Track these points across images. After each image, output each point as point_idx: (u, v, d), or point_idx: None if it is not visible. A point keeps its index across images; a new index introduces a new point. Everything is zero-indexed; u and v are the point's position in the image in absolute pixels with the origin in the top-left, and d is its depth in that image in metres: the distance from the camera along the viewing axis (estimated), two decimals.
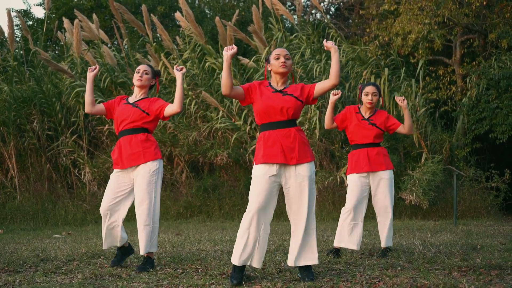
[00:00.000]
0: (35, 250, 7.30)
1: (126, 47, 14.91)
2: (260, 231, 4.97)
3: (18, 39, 17.34)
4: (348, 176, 6.64)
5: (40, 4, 19.26)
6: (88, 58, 13.57)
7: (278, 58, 5.08)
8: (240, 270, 5.00)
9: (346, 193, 12.08)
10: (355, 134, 6.55)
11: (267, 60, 5.22)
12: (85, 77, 13.76)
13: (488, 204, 12.46)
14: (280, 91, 5.06)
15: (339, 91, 6.50)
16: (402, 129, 6.57)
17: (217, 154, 12.88)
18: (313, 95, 5.09)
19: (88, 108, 5.84)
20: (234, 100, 12.85)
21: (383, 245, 6.56)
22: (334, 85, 5.00)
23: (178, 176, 13.75)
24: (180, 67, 5.72)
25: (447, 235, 8.34)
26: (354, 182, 6.53)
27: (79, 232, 10.35)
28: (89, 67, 5.97)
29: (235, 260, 4.97)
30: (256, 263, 5.02)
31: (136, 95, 5.89)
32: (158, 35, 14.39)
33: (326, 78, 12.62)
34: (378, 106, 6.73)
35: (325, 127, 6.68)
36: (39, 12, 30.92)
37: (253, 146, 12.64)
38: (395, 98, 6.73)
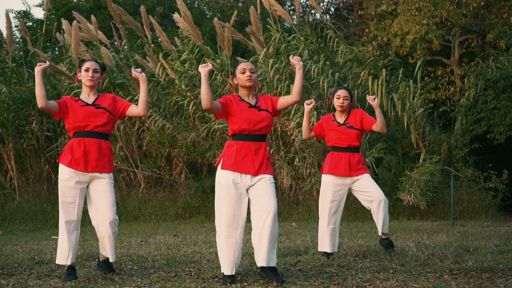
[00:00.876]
0: (31, 253, 7.34)
1: (125, 48, 14.94)
2: (237, 236, 5.17)
3: (17, 40, 17.39)
4: (323, 175, 6.63)
5: (40, 5, 19.30)
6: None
7: (243, 73, 5.24)
8: (231, 276, 5.15)
9: None
10: (335, 140, 6.57)
11: (233, 74, 5.36)
12: None
13: (486, 205, 12.46)
14: (255, 105, 5.26)
15: (312, 100, 6.49)
16: (375, 127, 6.58)
17: (216, 155, 12.90)
18: (277, 108, 5.31)
19: (41, 103, 5.31)
20: None
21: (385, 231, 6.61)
22: (295, 102, 5.24)
23: (177, 177, 13.78)
24: (139, 69, 5.51)
25: (443, 237, 8.34)
26: (329, 186, 6.57)
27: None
28: (38, 63, 5.58)
29: (223, 269, 5.17)
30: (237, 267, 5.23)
31: (88, 94, 5.53)
32: (157, 35, 14.39)
33: (324, 80, 12.64)
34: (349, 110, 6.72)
35: (303, 137, 6.71)
36: (38, 13, 31.02)
37: None
38: (367, 97, 6.76)
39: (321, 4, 20.76)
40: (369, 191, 6.55)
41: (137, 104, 5.56)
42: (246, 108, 5.22)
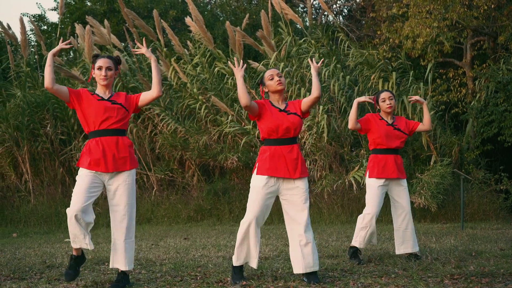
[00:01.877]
0: (43, 256, 7.48)
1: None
2: (256, 236, 5.40)
3: (33, 43, 17.61)
4: (370, 179, 6.70)
5: (55, 9, 19.48)
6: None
7: (272, 79, 5.50)
8: (240, 271, 5.48)
9: (354, 196, 12.20)
10: (383, 139, 6.65)
11: (262, 83, 5.60)
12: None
13: (497, 207, 12.47)
14: (284, 110, 5.47)
15: (373, 96, 6.76)
16: (422, 126, 6.84)
17: (227, 157, 13.01)
18: (302, 110, 5.51)
19: (47, 83, 5.16)
20: None
21: (414, 250, 6.66)
22: (317, 98, 5.44)
23: (190, 179, 13.90)
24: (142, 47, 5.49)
25: (451, 240, 8.41)
26: (376, 189, 6.64)
27: (93, 235, 10.48)
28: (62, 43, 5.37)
29: (236, 261, 5.49)
30: (255, 264, 5.49)
31: (105, 92, 5.40)
32: (170, 39, 14.51)
33: (335, 82, 12.71)
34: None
35: (349, 127, 6.76)
36: (53, 17, 31.29)
37: None
38: (409, 98, 6.94)
39: (334, 6, 20.81)
40: (400, 202, 6.73)
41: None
42: (277, 112, 5.44)
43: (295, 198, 5.39)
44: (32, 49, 15.46)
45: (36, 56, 14.92)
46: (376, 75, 12.80)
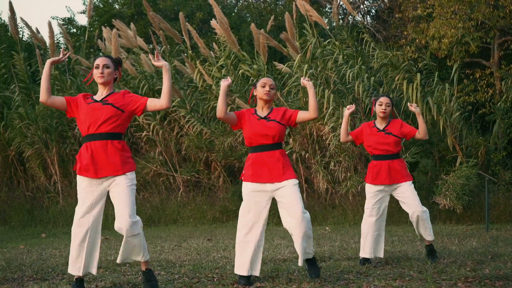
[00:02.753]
0: (67, 257, 7.59)
1: (165, 53, 15.19)
2: (255, 242, 5.54)
3: (63, 46, 17.88)
4: (367, 185, 6.83)
5: (83, 12, 19.73)
6: (127, 66, 13.89)
7: (264, 86, 5.64)
8: (245, 280, 5.55)
9: None
10: (374, 146, 6.75)
11: (255, 86, 5.73)
12: (124, 85, 14.13)
13: None
14: (265, 117, 5.59)
15: (353, 105, 6.79)
16: (418, 134, 6.82)
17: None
18: (295, 121, 5.66)
19: (42, 97, 5.11)
20: None
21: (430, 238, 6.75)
22: (312, 118, 5.62)
23: (216, 180, 14.01)
24: (159, 57, 5.23)
25: (473, 242, 8.40)
26: (371, 195, 6.76)
27: (117, 236, 10.67)
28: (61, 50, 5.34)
29: (239, 271, 5.59)
30: (257, 272, 5.59)
31: (102, 93, 5.26)
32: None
33: (359, 84, 12.71)
34: (390, 117, 6.92)
35: (341, 140, 6.95)
36: (83, 20, 31.66)
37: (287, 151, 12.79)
38: (408, 105, 6.99)
39: (362, 6, 20.77)
40: (406, 202, 6.74)
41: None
42: (256, 121, 5.59)
43: (286, 193, 5.50)
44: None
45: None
46: (400, 76, 12.77)
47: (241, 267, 5.54)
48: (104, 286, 5.58)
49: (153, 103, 5.21)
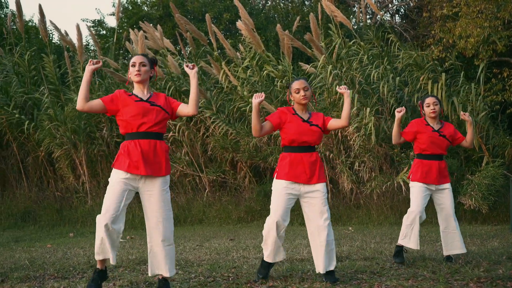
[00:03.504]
0: (90, 256, 7.77)
1: (191, 54, 15.31)
2: (278, 234, 5.66)
3: (92, 47, 18.14)
4: (413, 182, 6.87)
5: (113, 14, 19.98)
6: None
7: (298, 92, 5.73)
8: (267, 266, 5.78)
9: (404, 198, 12.16)
10: (428, 145, 6.81)
11: (289, 89, 5.84)
12: (151, 85, 14.28)
13: None
14: (307, 120, 5.71)
15: (403, 107, 6.95)
16: (465, 143, 7.00)
17: (277, 159, 13.15)
18: (327, 128, 5.79)
19: (80, 104, 5.10)
20: None
21: (459, 251, 6.75)
22: (344, 126, 5.78)
23: (241, 180, 14.11)
24: (192, 64, 5.27)
25: (495, 243, 8.38)
26: (419, 190, 6.78)
27: (142, 236, 10.81)
28: (90, 59, 5.40)
29: (266, 257, 5.77)
30: (281, 257, 5.80)
31: (142, 90, 5.27)
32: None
33: (384, 84, 12.71)
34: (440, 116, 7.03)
35: (393, 142, 7.02)
36: (112, 22, 31.97)
37: None
38: (461, 114, 7.04)
39: (390, 5, 20.72)
40: (441, 205, 6.87)
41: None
42: (300, 122, 5.69)
43: (315, 201, 5.64)
44: (90, 54, 15.92)
45: None
46: (425, 76, 12.75)
47: (269, 256, 5.76)
48: (121, 284, 5.69)
49: (182, 109, 5.28)
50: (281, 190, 5.63)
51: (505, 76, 14.97)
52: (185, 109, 5.27)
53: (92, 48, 18.71)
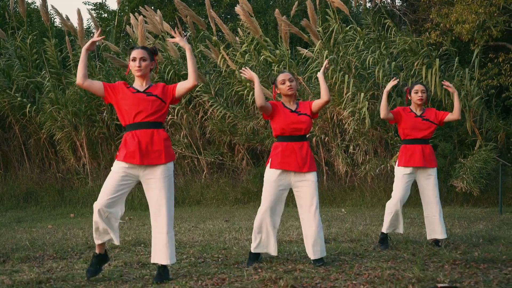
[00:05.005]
0: (89, 237, 8.05)
1: (191, 38, 15.49)
2: (272, 224, 5.89)
3: (94, 31, 18.32)
4: (397, 168, 7.10)
5: None
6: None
7: (284, 83, 5.96)
8: (255, 258, 5.99)
9: None
10: (411, 130, 7.01)
11: (275, 84, 6.08)
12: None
13: None
14: (295, 111, 5.93)
15: (396, 78, 7.14)
16: (451, 115, 7.08)
17: (274, 142, 13.37)
18: (313, 111, 6.02)
19: (79, 80, 5.24)
20: None
21: (440, 236, 6.93)
22: (326, 102, 5.96)
23: (239, 163, 14.37)
24: (178, 31, 5.27)
25: (481, 225, 8.64)
26: (402, 178, 7.00)
27: (141, 217, 11.08)
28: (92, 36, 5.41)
29: (253, 248, 5.97)
30: (273, 251, 5.94)
31: (142, 84, 5.39)
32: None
33: (379, 69, 12.90)
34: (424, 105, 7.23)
35: (381, 116, 7.10)
36: (114, 4, 31.96)
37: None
38: (443, 83, 7.25)
39: None
40: (426, 190, 7.08)
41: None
42: (289, 113, 5.92)
43: (306, 189, 5.88)
44: (91, 38, 16.08)
45: None
46: (419, 61, 12.96)
47: (258, 247, 5.95)
48: (116, 265, 5.97)
49: (181, 86, 5.37)
50: (272, 182, 5.88)
51: (501, 61, 15.15)
52: (185, 84, 5.37)
53: (93, 31, 18.87)
